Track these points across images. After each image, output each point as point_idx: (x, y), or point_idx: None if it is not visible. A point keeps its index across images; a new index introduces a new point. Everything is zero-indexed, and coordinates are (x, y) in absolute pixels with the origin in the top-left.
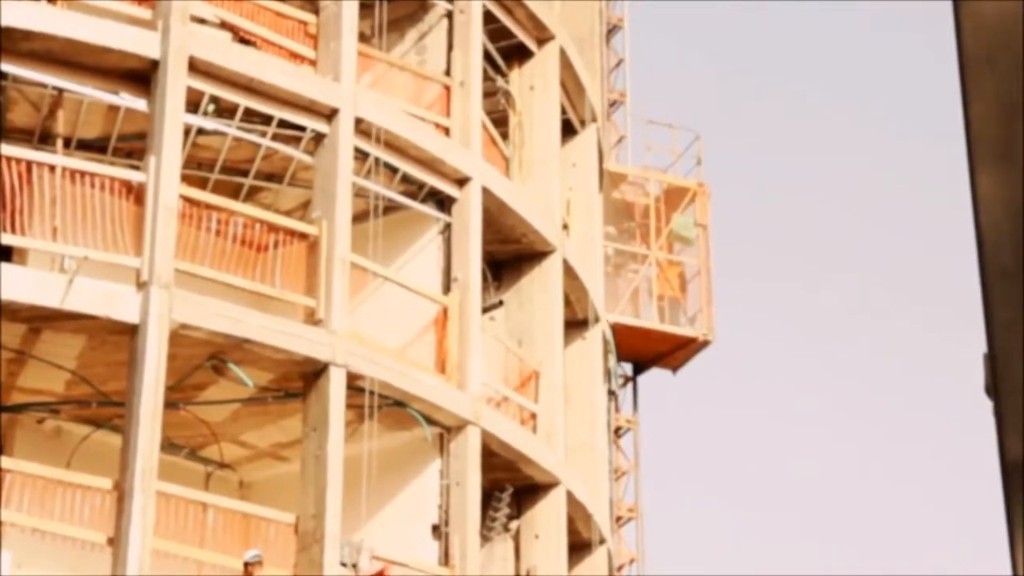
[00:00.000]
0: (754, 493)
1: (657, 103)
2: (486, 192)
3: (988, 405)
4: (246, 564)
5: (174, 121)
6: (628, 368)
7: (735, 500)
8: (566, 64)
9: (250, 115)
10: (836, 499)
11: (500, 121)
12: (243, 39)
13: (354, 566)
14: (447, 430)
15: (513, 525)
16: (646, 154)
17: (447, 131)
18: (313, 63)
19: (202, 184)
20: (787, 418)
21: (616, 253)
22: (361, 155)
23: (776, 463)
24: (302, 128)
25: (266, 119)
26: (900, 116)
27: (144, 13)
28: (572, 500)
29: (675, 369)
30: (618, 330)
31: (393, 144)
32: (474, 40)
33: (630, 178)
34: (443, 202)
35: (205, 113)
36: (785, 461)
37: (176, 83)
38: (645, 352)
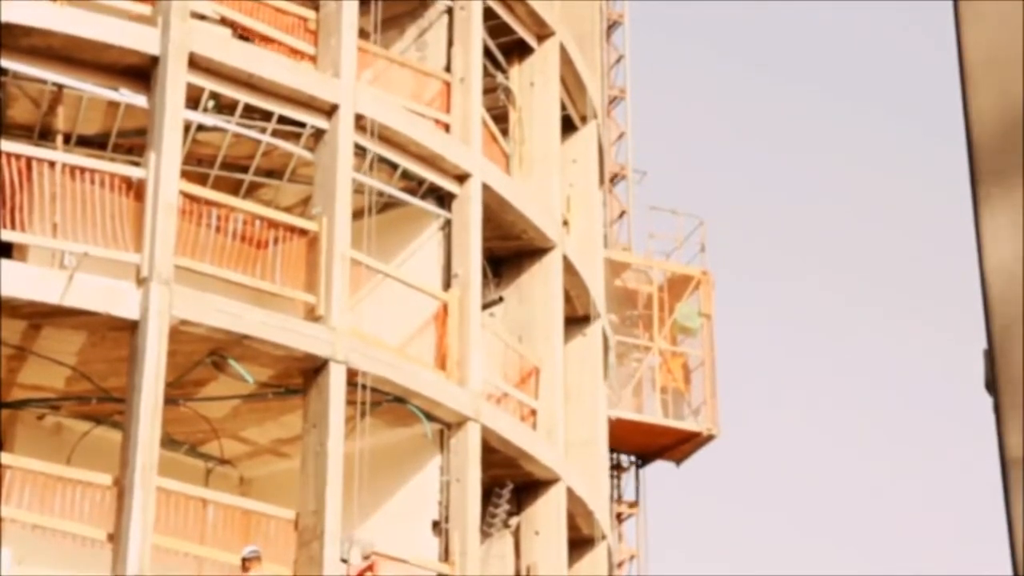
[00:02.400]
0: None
1: (657, 102)
2: (486, 188)
3: (988, 401)
4: (244, 560)
5: (174, 117)
6: (630, 458)
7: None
8: (566, 60)
9: (250, 111)
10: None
11: (500, 117)
12: (243, 35)
13: (344, 561)
14: (447, 426)
15: (513, 521)
16: (649, 241)
17: (447, 127)
18: (313, 59)
19: (202, 180)
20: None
21: (618, 343)
22: (361, 151)
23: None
24: (302, 124)
25: (266, 115)
26: (902, 117)
27: (144, 9)
28: (572, 496)
29: (679, 461)
30: (621, 425)
31: (393, 140)
32: (474, 36)
33: (633, 265)
34: (443, 198)
35: (205, 109)
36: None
37: (176, 79)
38: (649, 446)
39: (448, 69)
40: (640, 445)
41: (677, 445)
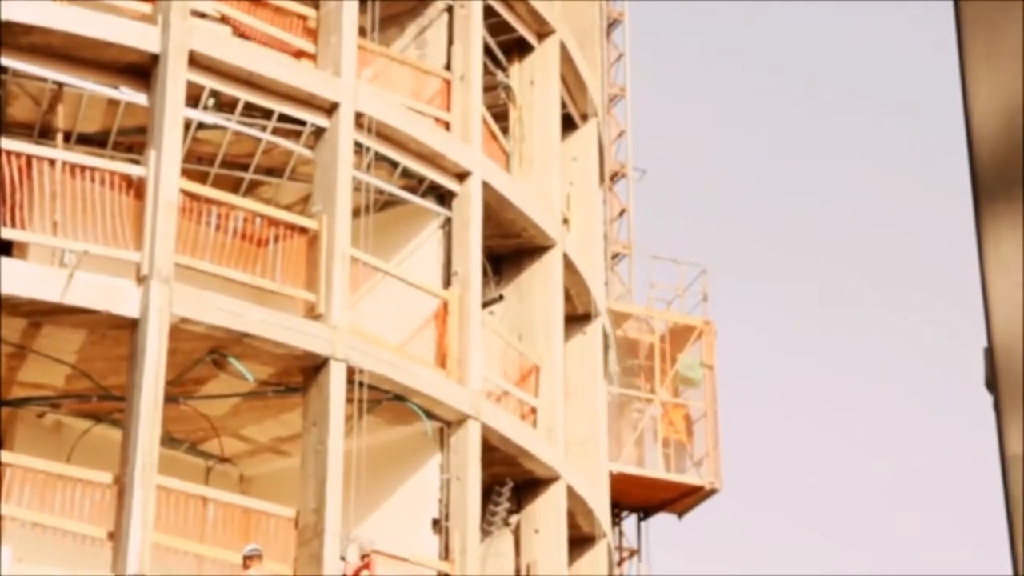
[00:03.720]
0: None
1: (657, 100)
2: (486, 186)
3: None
4: (245, 557)
5: (174, 115)
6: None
7: None
8: (566, 58)
9: (250, 109)
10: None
11: (500, 115)
12: (243, 34)
13: (342, 558)
14: (447, 424)
15: (513, 519)
16: (650, 290)
17: (447, 125)
18: (313, 57)
19: (202, 178)
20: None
21: (620, 395)
22: (361, 149)
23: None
24: (302, 122)
25: (266, 113)
26: (903, 116)
27: (144, 8)
28: (572, 494)
29: (681, 514)
30: (623, 479)
31: (393, 138)
32: (474, 34)
33: (634, 315)
34: (443, 196)
35: (205, 107)
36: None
37: (176, 77)
38: (651, 500)
39: (448, 67)
40: (642, 499)
41: (680, 499)
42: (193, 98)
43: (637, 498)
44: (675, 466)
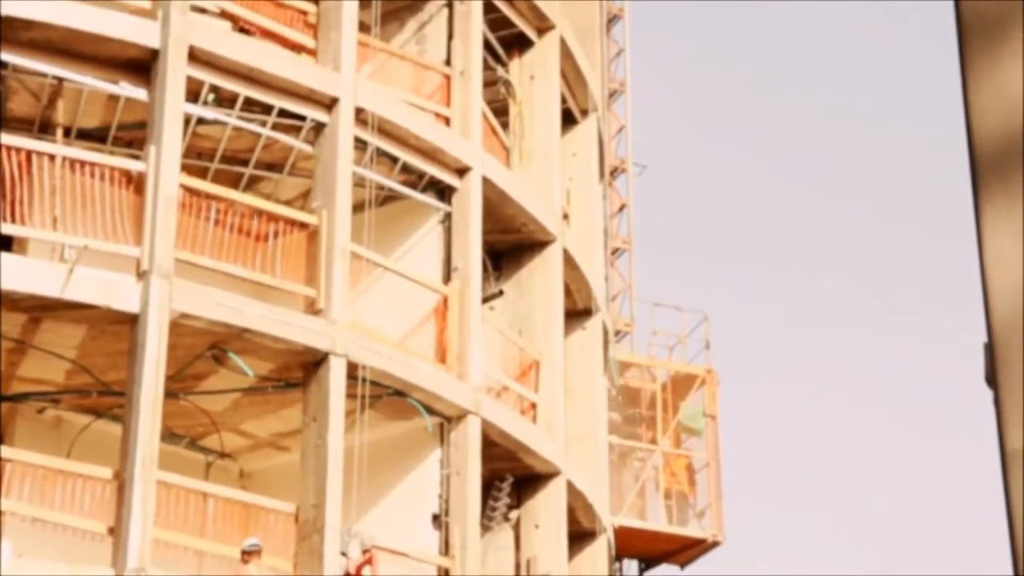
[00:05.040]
0: None
1: (657, 95)
2: (486, 182)
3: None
4: (244, 552)
5: (174, 110)
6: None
7: None
8: (566, 54)
9: (250, 104)
10: None
11: (500, 111)
12: (243, 29)
13: (343, 554)
14: (447, 420)
15: (513, 515)
16: (652, 338)
17: (447, 121)
18: (313, 53)
19: (202, 174)
20: None
21: (621, 446)
22: (361, 145)
23: None
24: (302, 118)
25: (266, 109)
26: (903, 111)
27: (144, 3)
28: (572, 490)
29: (683, 565)
30: (625, 533)
31: (393, 134)
32: (474, 29)
33: (637, 364)
34: (443, 192)
35: (205, 103)
36: None
37: (176, 72)
38: (653, 552)
39: (448, 62)
40: (644, 551)
41: (682, 551)
42: (193, 93)
43: (639, 550)
44: (677, 518)
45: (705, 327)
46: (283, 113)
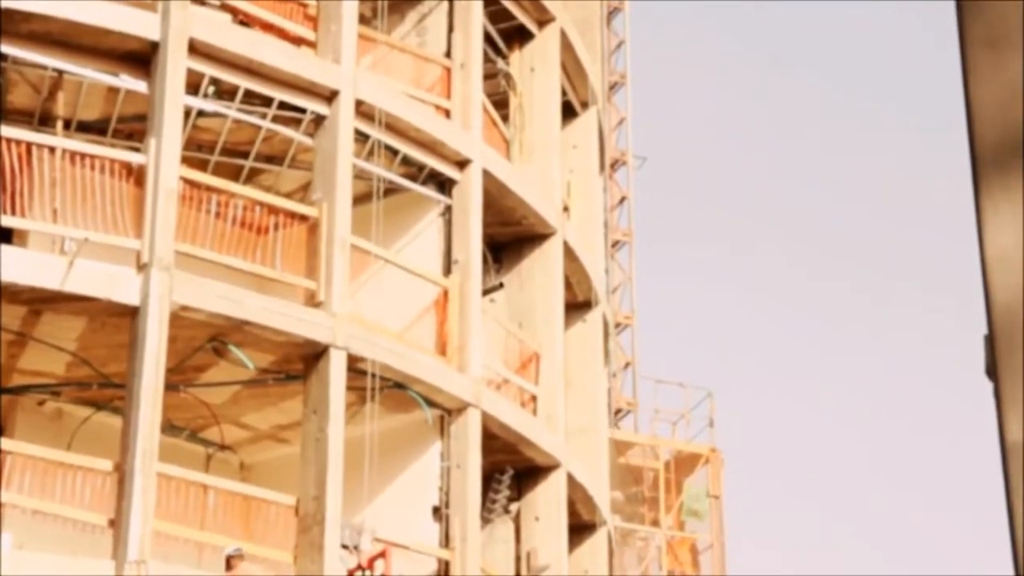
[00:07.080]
0: None
1: (657, 88)
2: (486, 174)
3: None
4: (228, 558)
5: (174, 103)
6: None
7: None
8: (567, 46)
9: (250, 97)
10: None
11: (501, 103)
12: (243, 21)
13: (356, 548)
14: (448, 412)
15: (514, 507)
16: (655, 415)
17: (447, 113)
18: (313, 45)
19: (202, 166)
20: None
21: (622, 528)
22: (361, 137)
23: None
24: (302, 110)
25: (266, 101)
26: (903, 105)
27: None
28: (572, 482)
29: None
30: None
31: (393, 126)
32: (475, 22)
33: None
34: (443, 184)
35: (205, 95)
36: None
37: (176, 65)
38: None
39: (448, 55)
40: None
41: None
42: (193, 86)
43: None
44: None
45: (709, 404)
46: (283, 105)
